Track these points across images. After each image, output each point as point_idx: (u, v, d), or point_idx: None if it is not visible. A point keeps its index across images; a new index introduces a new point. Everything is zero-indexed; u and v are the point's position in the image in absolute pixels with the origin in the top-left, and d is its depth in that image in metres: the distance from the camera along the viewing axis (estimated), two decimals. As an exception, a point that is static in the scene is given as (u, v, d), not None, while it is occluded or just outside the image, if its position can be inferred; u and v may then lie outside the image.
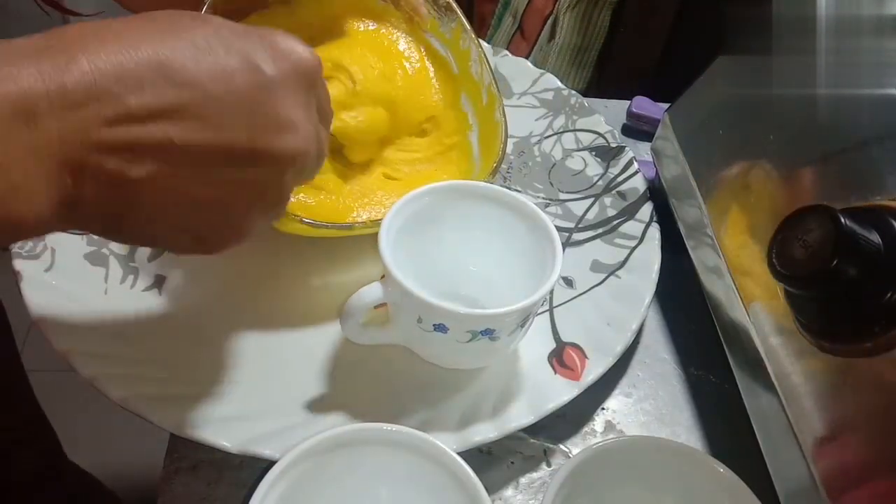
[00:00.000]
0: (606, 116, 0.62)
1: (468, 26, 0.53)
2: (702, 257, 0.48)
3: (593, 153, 0.59)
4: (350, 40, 0.53)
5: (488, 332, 0.39)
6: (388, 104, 0.50)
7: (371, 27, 0.54)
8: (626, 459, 0.36)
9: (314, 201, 0.47)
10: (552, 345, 0.46)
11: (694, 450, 0.39)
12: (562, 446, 0.43)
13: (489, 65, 0.52)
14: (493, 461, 0.42)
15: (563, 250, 0.41)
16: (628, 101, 0.66)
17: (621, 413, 0.46)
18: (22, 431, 0.76)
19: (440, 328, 0.38)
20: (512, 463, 0.42)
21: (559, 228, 0.44)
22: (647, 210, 0.55)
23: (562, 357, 0.45)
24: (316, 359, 0.43)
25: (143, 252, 0.47)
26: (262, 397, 0.41)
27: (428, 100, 0.54)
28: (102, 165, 0.25)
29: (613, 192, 0.57)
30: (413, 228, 0.42)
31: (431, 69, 0.54)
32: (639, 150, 0.63)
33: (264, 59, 0.28)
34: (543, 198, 0.56)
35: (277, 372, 0.42)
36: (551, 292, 0.49)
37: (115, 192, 0.26)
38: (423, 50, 0.54)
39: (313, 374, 0.42)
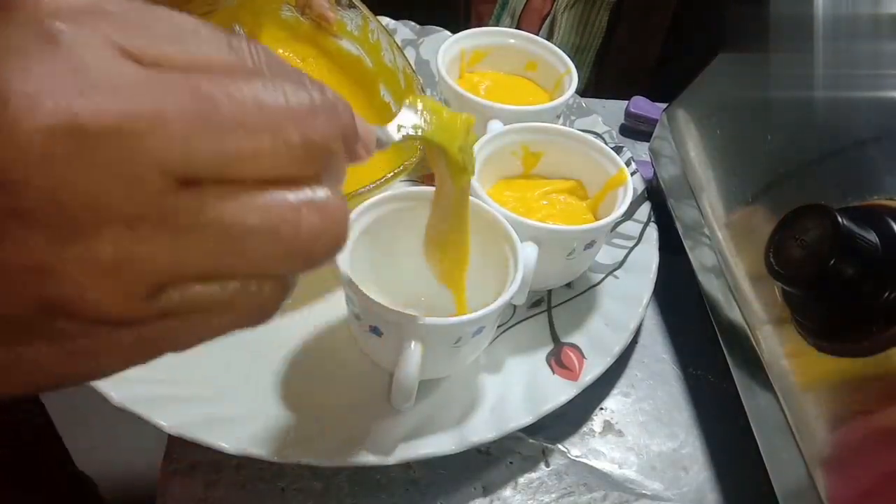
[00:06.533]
0: (604, 116, 0.62)
1: (372, 17, 0.55)
2: (700, 257, 0.48)
3: (591, 153, 0.59)
4: None
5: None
6: None
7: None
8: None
9: None
10: (550, 345, 0.46)
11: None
12: (560, 446, 0.43)
13: (401, 49, 0.53)
14: (491, 461, 0.42)
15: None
16: (626, 102, 0.66)
17: (620, 413, 0.46)
18: (33, 443, 0.75)
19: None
20: (510, 463, 0.42)
21: (557, 228, 0.44)
22: (644, 210, 0.55)
23: (560, 357, 0.45)
24: (315, 359, 0.43)
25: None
26: (259, 398, 0.40)
27: (355, 108, 0.55)
28: None
29: (611, 192, 0.57)
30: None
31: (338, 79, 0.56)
32: (637, 151, 0.63)
33: None
34: (541, 198, 0.56)
35: (275, 372, 0.42)
36: (549, 292, 0.49)
37: None
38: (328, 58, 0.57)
39: (312, 374, 0.42)
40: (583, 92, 0.72)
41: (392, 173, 0.45)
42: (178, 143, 0.16)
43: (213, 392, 0.40)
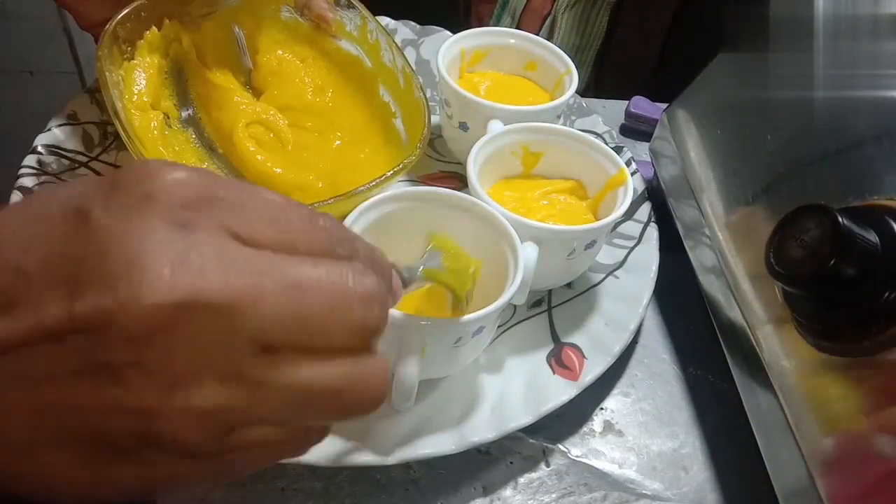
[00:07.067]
0: (604, 117, 0.62)
1: (371, 17, 0.54)
2: (700, 257, 0.48)
3: (591, 153, 0.59)
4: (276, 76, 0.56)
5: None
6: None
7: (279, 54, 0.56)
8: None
9: None
10: (551, 345, 0.46)
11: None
12: (560, 446, 0.43)
13: (400, 49, 0.53)
14: (491, 461, 0.42)
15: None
16: (626, 102, 0.66)
17: (620, 413, 0.46)
18: None
19: None
20: (511, 463, 0.42)
21: (557, 228, 0.44)
22: (645, 210, 0.55)
23: (560, 357, 0.45)
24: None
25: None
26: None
27: (355, 108, 0.56)
28: None
29: (612, 192, 0.57)
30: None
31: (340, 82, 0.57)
32: (637, 151, 0.63)
33: (98, 196, 0.20)
34: (542, 198, 0.56)
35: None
36: (549, 292, 0.49)
37: None
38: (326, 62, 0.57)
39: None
40: (583, 92, 0.72)
41: (392, 171, 0.45)
42: (269, 320, 0.20)
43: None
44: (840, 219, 0.32)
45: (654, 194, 0.56)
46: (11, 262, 0.20)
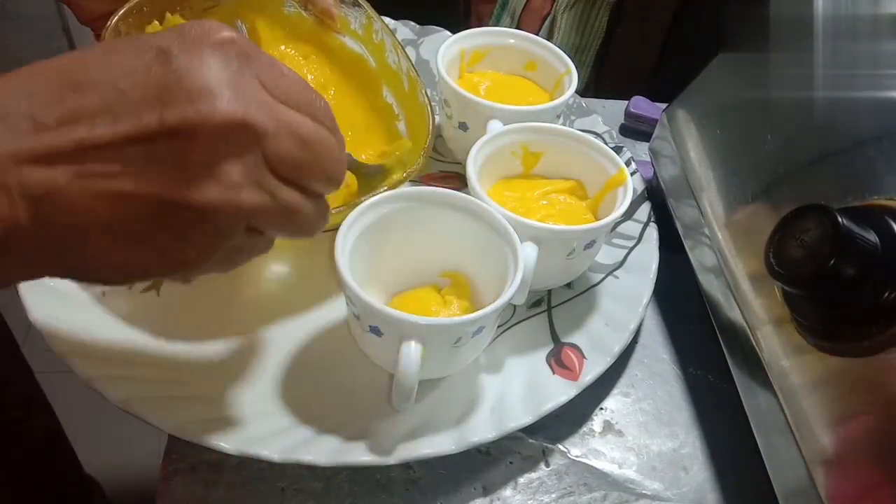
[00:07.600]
0: (604, 116, 0.62)
1: (377, 17, 0.54)
2: (700, 257, 0.48)
3: (591, 153, 0.59)
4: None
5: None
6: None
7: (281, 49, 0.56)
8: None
9: None
10: (550, 345, 0.46)
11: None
12: (560, 446, 0.43)
13: (405, 51, 0.53)
14: (491, 461, 0.42)
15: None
16: (626, 101, 0.66)
17: (620, 413, 0.46)
18: (45, 446, 0.76)
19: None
20: (511, 463, 0.42)
21: (557, 228, 0.44)
22: (644, 210, 0.55)
23: (560, 357, 0.45)
24: (315, 359, 0.43)
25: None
26: (259, 398, 0.41)
27: (357, 108, 0.55)
28: (24, 179, 0.24)
29: (611, 192, 0.57)
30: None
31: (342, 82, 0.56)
32: (637, 151, 0.63)
33: (174, 40, 0.26)
34: (542, 198, 0.56)
35: (275, 372, 0.42)
36: (549, 292, 0.49)
37: (48, 208, 0.25)
38: (330, 61, 0.56)
39: (312, 374, 0.42)
40: (583, 92, 0.72)
41: (397, 181, 0.45)
42: (282, 154, 0.28)
43: (213, 392, 0.40)
44: (840, 219, 0.32)
45: (654, 194, 0.56)
46: (112, 84, 0.25)
